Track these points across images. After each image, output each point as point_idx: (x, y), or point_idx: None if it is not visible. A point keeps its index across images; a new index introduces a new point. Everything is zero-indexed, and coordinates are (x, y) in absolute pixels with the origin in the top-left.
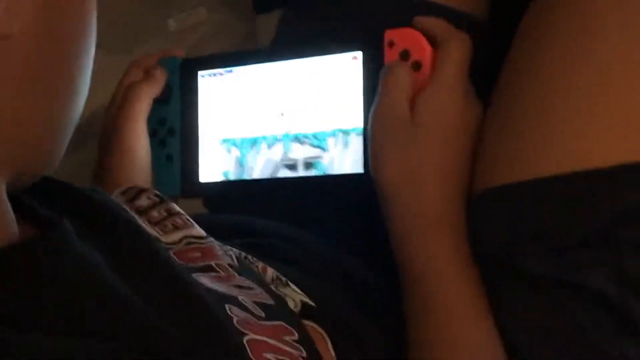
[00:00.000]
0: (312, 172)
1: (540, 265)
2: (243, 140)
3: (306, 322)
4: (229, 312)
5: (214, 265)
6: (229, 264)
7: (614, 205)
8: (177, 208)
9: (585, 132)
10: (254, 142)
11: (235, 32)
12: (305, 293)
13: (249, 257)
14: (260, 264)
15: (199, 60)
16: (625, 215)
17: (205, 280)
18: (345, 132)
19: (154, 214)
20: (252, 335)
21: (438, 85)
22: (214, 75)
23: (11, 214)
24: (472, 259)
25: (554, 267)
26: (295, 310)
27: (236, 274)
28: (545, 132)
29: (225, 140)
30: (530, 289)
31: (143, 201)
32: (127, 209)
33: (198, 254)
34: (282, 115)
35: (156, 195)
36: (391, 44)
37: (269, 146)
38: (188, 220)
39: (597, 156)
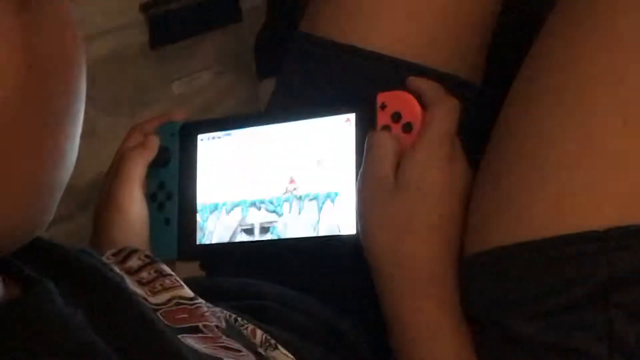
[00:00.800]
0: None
1: (529, 328)
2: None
3: None
4: None
5: (200, 326)
6: (216, 326)
7: (603, 268)
8: (167, 269)
9: (574, 195)
10: (215, 207)
11: (239, 96)
12: (295, 356)
13: (239, 319)
14: (250, 326)
15: (198, 124)
16: (614, 278)
17: (191, 341)
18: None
19: (144, 274)
20: None
21: (421, 147)
22: (212, 138)
23: None
24: (462, 316)
25: (543, 330)
26: None
27: (223, 336)
28: (532, 195)
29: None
30: (519, 351)
31: (134, 262)
32: (117, 269)
33: (185, 315)
34: (284, 176)
35: (146, 257)
36: (383, 106)
37: (228, 212)
38: (177, 281)
39: (587, 219)
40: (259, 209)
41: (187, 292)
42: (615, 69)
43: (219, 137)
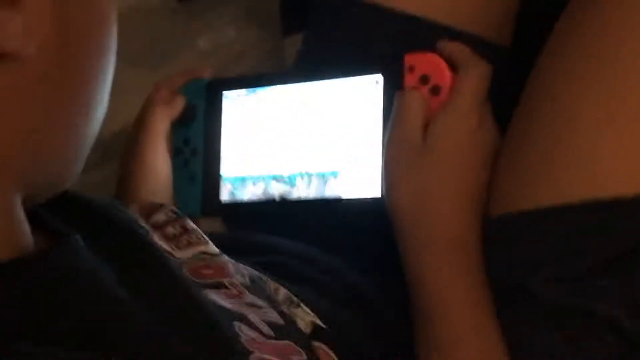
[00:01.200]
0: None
1: (552, 292)
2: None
3: (316, 344)
4: (237, 330)
5: (225, 282)
6: (240, 283)
7: (630, 235)
8: (193, 225)
9: (603, 161)
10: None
11: (263, 51)
12: (317, 315)
13: (262, 276)
14: (273, 284)
15: (224, 81)
16: None
17: (215, 297)
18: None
19: (170, 229)
20: (258, 354)
21: (451, 110)
22: (238, 96)
23: (26, 226)
24: (485, 281)
25: (565, 293)
26: (305, 331)
27: (247, 292)
28: (565, 159)
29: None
30: (540, 314)
31: (160, 217)
32: (144, 224)
33: (210, 271)
34: (309, 137)
35: (173, 212)
36: (411, 69)
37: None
38: (202, 237)
39: (615, 186)
40: (282, 174)
41: (213, 248)
42: None
43: (244, 95)
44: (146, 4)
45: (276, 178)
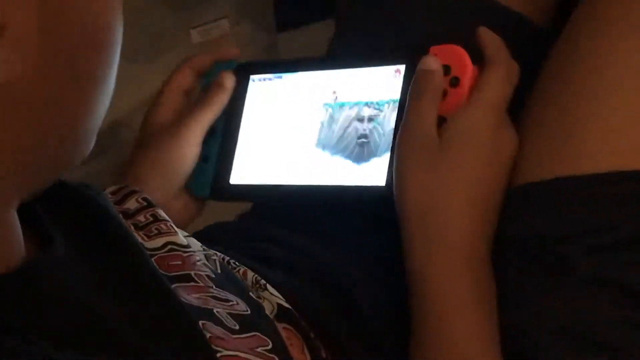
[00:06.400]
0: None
1: (583, 262)
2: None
3: (282, 325)
4: (202, 328)
5: (192, 274)
6: (207, 275)
7: None
8: (163, 214)
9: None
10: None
11: (258, 46)
12: (283, 295)
13: (232, 261)
14: (242, 268)
15: (252, 65)
16: None
17: (182, 292)
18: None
19: (141, 218)
20: (224, 352)
21: (474, 107)
22: (263, 80)
23: (20, 236)
24: (493, 291)
25: (597, 264)
26: (271, 314)
27: (213, 285)
28: (596, 127)
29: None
30: (568, 285)
31: (131, 204)
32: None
33: (178, 262)
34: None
35: (144, 199)
36: None
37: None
38: (172, 227)
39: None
40: (296, 158)
41: (181, 239)
42: None
43: (270, 79)
44: None
45: (290, 165)
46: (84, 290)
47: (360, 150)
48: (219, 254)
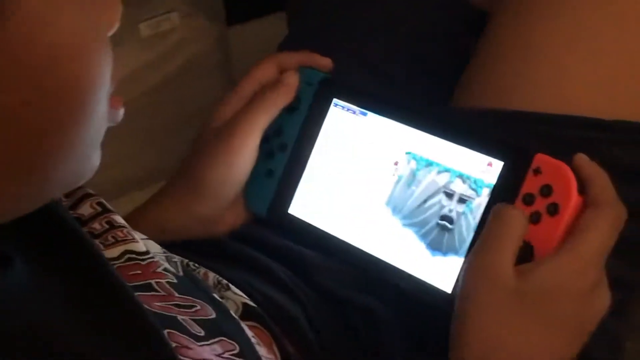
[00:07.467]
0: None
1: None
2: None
3: (249, 323)
4: (167, 337)
5: (153, 283)
6: (168, 282)
7: None
8: (120, 220)
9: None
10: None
11: (207, 40)
12: (247, 293)
13: (191, 264)
14: (203, 270)
15: (339, 86)
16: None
17: (143, 301)
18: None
19: (96, 225)
20: None
21: (573, 256)
22: (347, 109)
23: None
24: None
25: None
26: (236, 314)
27: (175, 293)
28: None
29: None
30: None
31: (85, 210)
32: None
33: (138, 271)
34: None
35: (99, 204)
36: (537, 171)
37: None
38: (129, 233)
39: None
40: (360, 212)
41: (139, 245)
42: None
43: (353, 112)
44: None
45: (352, 219)
46: (41, 308)
47: (440, 236)
48: (176, 256)
